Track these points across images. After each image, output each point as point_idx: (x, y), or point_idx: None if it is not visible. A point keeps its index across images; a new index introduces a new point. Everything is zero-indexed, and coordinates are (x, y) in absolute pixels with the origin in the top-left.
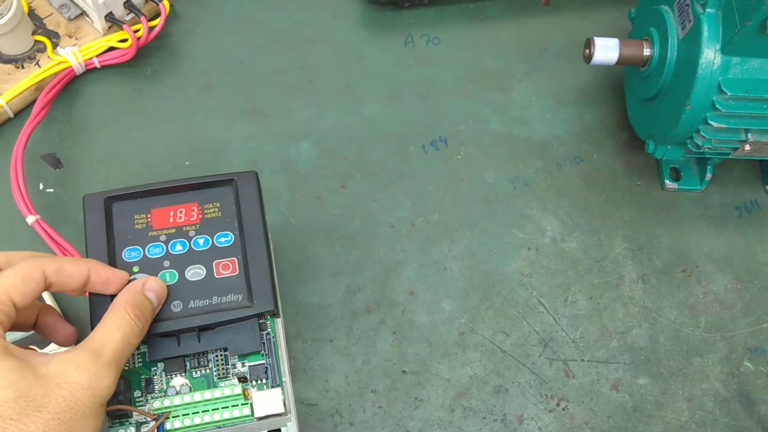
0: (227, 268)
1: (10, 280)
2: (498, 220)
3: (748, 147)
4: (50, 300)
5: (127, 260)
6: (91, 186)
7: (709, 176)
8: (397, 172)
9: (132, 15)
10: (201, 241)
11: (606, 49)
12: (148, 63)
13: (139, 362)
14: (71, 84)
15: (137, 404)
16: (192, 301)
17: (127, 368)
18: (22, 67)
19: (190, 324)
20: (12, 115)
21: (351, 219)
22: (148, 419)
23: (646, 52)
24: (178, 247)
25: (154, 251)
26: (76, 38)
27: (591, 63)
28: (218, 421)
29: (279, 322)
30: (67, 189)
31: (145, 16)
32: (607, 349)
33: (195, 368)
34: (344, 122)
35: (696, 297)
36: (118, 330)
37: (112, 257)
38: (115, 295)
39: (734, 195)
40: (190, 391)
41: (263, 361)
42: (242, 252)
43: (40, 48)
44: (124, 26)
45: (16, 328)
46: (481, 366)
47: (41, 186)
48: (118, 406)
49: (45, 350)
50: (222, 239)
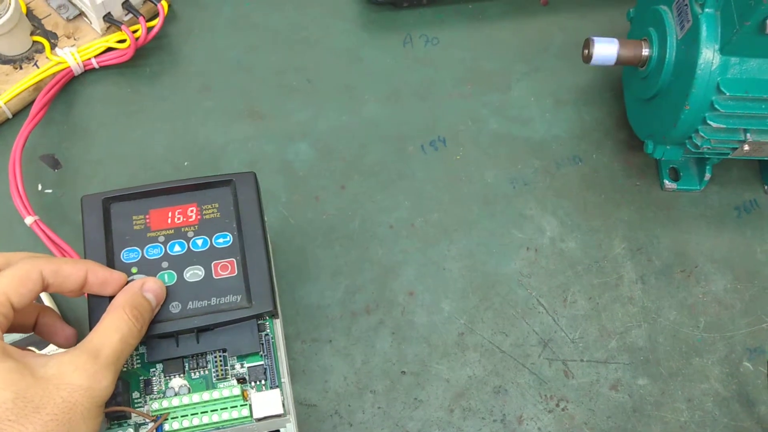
0: (226, 269)
1: (7, 281)
2: (497, 221)
3: (747, 147)
4: (49, 301)
5: (126, 261)
6: (89, 187)
7: (708, 176)
8: (396, 172)
9: (130, 15)
10: (200, 242)
11: (605, 50)
12: (146, 64)
13: (138, 363)
14: (70, 84)
15: (136, 405)
16: (191, 302)
17: (125, 369)
18: (21, 68)
19: (188, 325)
20: (10, 116)
21: (350, 219)
22: (147, 420)
23: (645, 52)
24: (177, 248)
25: (153, 252)
26: (75, 39)
27: (590, 63)
28: (217, 423)
29: (278, 322)
30: (65, 190)
31: (144, 17)
32: (607, 350)
33: (194, 369)
34: (343, 123)
35: (695, 297)
36: (116, 331)
37: (111, 258)
38: (113, 296)
39: (733, 195)
40: (189, 392)
41: (262, 362)
42: (241, 253)
43: (38, 48)
44: (123, 27)
45: (16, 329)
46: (481, 366)
47: (40, 187)
48: (117, 407)
49: (44, 351)
50: (221, 240)
